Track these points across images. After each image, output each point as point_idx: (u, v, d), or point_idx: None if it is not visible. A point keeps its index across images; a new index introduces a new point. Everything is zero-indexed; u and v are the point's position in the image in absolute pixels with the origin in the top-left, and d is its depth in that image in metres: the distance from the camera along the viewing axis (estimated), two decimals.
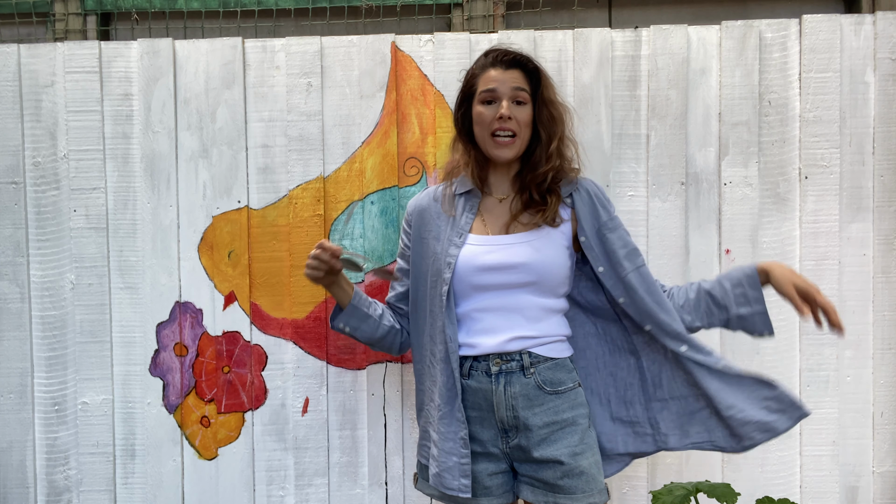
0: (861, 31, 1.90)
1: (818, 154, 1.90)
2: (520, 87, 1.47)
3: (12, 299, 1.94)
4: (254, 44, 1.92)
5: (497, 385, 1.46)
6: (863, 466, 1.92)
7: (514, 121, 1.46)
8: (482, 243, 1.49)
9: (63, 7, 2.29)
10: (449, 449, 1.47)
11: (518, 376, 1.46)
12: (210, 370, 1.94)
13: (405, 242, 1.62)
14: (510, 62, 1.48)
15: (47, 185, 1.93)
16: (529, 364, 1.46)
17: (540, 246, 1.47)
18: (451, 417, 1.48)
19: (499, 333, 1.47)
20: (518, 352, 1.47)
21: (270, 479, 1.94)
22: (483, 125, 1.48)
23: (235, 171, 1.92)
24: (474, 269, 1.46)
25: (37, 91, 1.93)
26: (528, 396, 1.45)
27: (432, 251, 1.53)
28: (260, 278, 1.93)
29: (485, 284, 1.47)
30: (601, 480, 1.47)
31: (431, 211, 1.56)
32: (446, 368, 1.49)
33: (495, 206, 1.54)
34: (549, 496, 1.45)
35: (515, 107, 1.46)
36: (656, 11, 2.34)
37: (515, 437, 1.47)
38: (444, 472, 1.47)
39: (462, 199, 1.54)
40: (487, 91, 1.47)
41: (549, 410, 1.46)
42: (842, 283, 1.90)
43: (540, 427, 1.45)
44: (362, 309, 1.57)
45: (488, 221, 1.52)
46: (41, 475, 1.96)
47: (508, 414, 1.46)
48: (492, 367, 1.46)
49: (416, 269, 1.57)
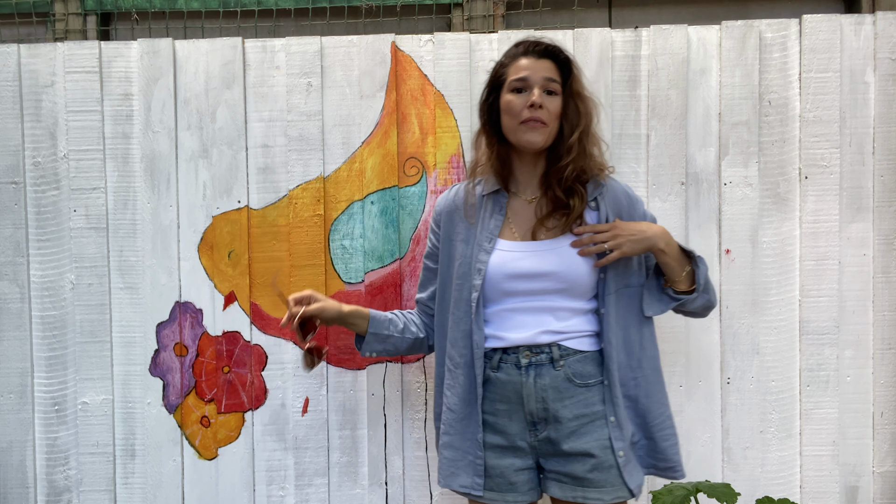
0: (861, 31, 1.89)
1: (818, 154, 1.90)
2: (551, 78, 1.45)
3: (12, 299, 1.94)
4: (254, 44, 1.92)
5: (527, 377, 1.46)
6: (863, 466, 1.92)
7: (544, 110, 1.44)
8: (512, 249, 1.48)
9: (63, 7, 2.29)
10: (466, 448, 1.49)
11: (548, 368, 1.46)
12: (210, 370, 1.94)
13: (433, 242, 1.61)
14: (542, 52, 1.47)
15: (47, 185, 1.93)
16: (559, 356, 1.46)
17: (568, 254, 1.47)
18: (469, 420, 1.50)
19: (529, 328, 1.47)
20: (548, 344, 1.46)
21: (270, 479, 1.94)
22: (512, 114, 1.45)
23: (235, 171, 1.92)
24: (504, 276, 1.46)
25: (37, 91, 1.93)
26: (558, 389, 1.45)
27: (460, 253, 1.52)
28: (260, 278, 1.92)
29: (515, 291, 1.47)
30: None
31: (461, 212, 1.55)
32: (469, 372, 1.49)
33: (523, 208, 1.52)
34: (577, 491, 1.45)
35: (546, 97, 1.45)
36: (656, 11, 2.34)
37: (544, 430, 1.46)
38: (458, 470, 1.49)
39: (490, 201, 1.52)
40: (518, 80, 1.45)
41: (579, 403, 1.46)
42: (842, 283, 1.90)
43: (570, 419, 1.45)
44: (382, 332, 1.57)
45: (515, 224, 1.51)
46: (41, 475, 1.96)
47: (538, 406, 1.46)
48: (521, 360, 1.46)
49: (443, 271, 1.56)
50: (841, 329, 1.90)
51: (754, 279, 1.89)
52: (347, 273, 1.92)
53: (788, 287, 1.90)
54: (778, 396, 1.91)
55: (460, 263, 1.51)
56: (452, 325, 1.52)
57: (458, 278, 1.51)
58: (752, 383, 1.91)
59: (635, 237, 1.46)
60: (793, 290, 1.90)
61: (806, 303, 1.90)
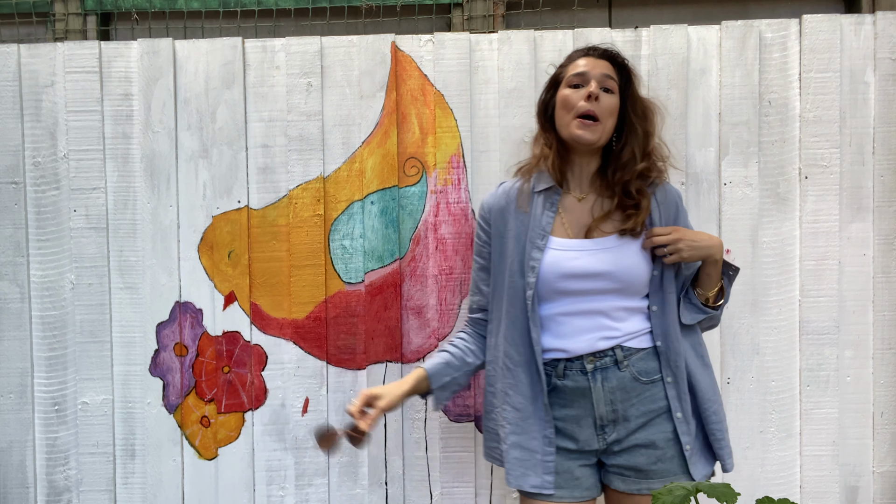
0: (861, 31, 1.89)
1: (818, 154, 1.90)
2: (609, 75, 1.48)
3: (12, 299, 1.94)
4: (254, 44, 1.92)
5: (594, 382, 1.47)
6: (863, 466, 1.92)
7: (599, 104, 1.45)
8: (565, 248, 1.49)
9: (63, 7, 2.29)
10: (533, 447, 1.49)
11: (613, 371, 1.47)
12: (210, 370, 1.94)
13: (483, 240, 1.60)
14: (601, 54, 1.51)
15: (47, 185, 1.93)
16: (623, 357, 1.47)
17: (623, 254, 1.48)
18: (535, 417, 1.50)
19: (587, 333, 1.47)
20: (611, 348, 1.48)
21: (270, 479, 1.94)
22: (568, 107, 1.47)
23: (235, 171, 1.92)
24: (559, 276, 1.47)
25: (37, 91, 1.93)
26: (626, 389, 1.47)
27: (511, 251, 1.52)
28: (260, 278, 1.93)
29: (569, 290, 1.47)
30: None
31: (511, 209, 1.55)
32: (530, 370, 1.50)
33: (574, 206, 1.53)
34: (640, 483, 1.46)
35: (603, 93, 1.47)
36: (656, 11, 2.34)
37: (613, 432, 1.48)
38: (528, 470, 1.48)
39: (541, 197, 1.53)
40: (576, 75, 1.48)
41: (646, 399, 1.48)
42: (842, 283, 1.90)
43: (637, 416, 1.47)
44: (443, 383, 1.57)
45: (568, 222, 1.52)
46: (41, 475, 1.96)
47: (608, 409, 1.47)
48: (587, 366, 1.47)
49: (495, 269, 1.56)
50: (841, 329, 1.90)
51: (754, 279, 1.89)
52: (347, 273, 1.92)
53: (788, 287, 1.90)
54: (778, 396, 1.91)
55: (512, 261, 1.51)
56: (508, 323, 1.52)
57: (511, 275, 1.51)
58: (751, 383, 1.91)
59: (696, 244, 1.48)
60: (793, 290, 1.90)
61: (806, 303, 1.90)
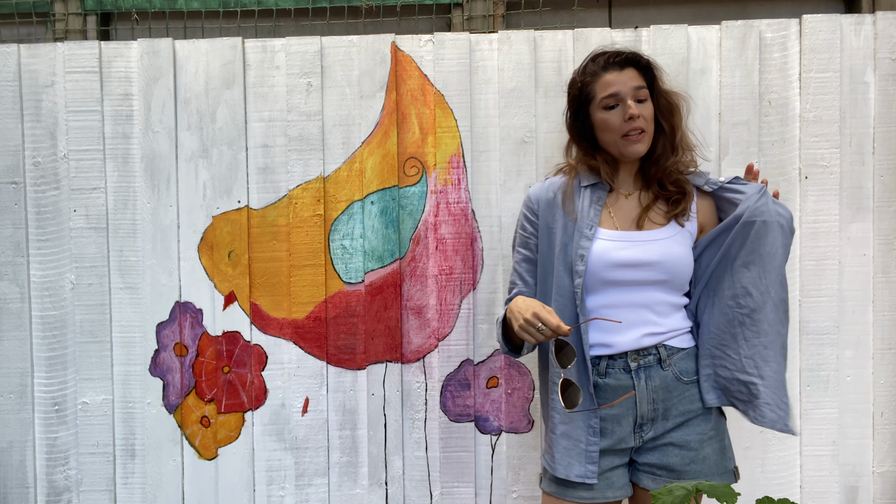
0: (861, 31, 1.89)
1: (818, 154, 1.90)
2: (639, 86, 1.48)
3: (12, 299, 1.94)
4: (254, 44, 1.92)
5: (638, 380, 1.48)
6: (863, 466, 1.92)
7: (641, 118, 1.47)
8: (614, 238, 1.49)
9: (63, 7, 2.29)
10: (577, 436, 1.49)
11: (656, 370, 1.48)
12: (210, 370, 1.94)
13: (529, 231, 1.59)
14: (623, 62, 1.50)
15: (47, 185, 1.93)
16: (666, 356, 1.48)
17: (671, 244, 1.49)
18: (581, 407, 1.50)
19: (631, 329, 1.48)
20: (654, 346, 1.48)
21: (270, 479, 1.94)
22: (612, 130, 1.48)
23: (235, 171, 1.92)
24: (607, 265, 1.47)
25: (37, 91, 1.93)
26: (668, 388, 1.48)
27: (559, 241, 1.52)
28: (260, 278, 1.93)
29: (617, 280, 1.48)
30: (725, 465, 1.50)
31: (557, 200, 1.55)
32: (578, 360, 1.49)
33: (622, 202, 1.54)
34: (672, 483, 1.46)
35: (638, 105, 1.47)
36: (656, 11, 2.34)
37: (650, 430, 1.49)
38: (572, 460, 1.49)
39: (588, 192, 1.54)
40: (609, 96, 1.47)
41: (685, 399, 1.49)
42: (842, 283, 1.90)
43: (676, 416, 1.48)
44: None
45: (616, 216, 1.53)
46: (41, 475, 1.96)
47: (649, 408, 1.48)
48: (630, 364, 1.48)
49: (543, 260, 1.56)
50: (841, 329, 1.90)
51: None
52: (347, 273, 1.92)
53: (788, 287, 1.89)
54: None
55: (559, 251, 1.52)
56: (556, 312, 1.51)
57: (559, 265, 1.52)
58: None
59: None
60: (793, 290, 1.89)
61: (806, 303, 1.90)
